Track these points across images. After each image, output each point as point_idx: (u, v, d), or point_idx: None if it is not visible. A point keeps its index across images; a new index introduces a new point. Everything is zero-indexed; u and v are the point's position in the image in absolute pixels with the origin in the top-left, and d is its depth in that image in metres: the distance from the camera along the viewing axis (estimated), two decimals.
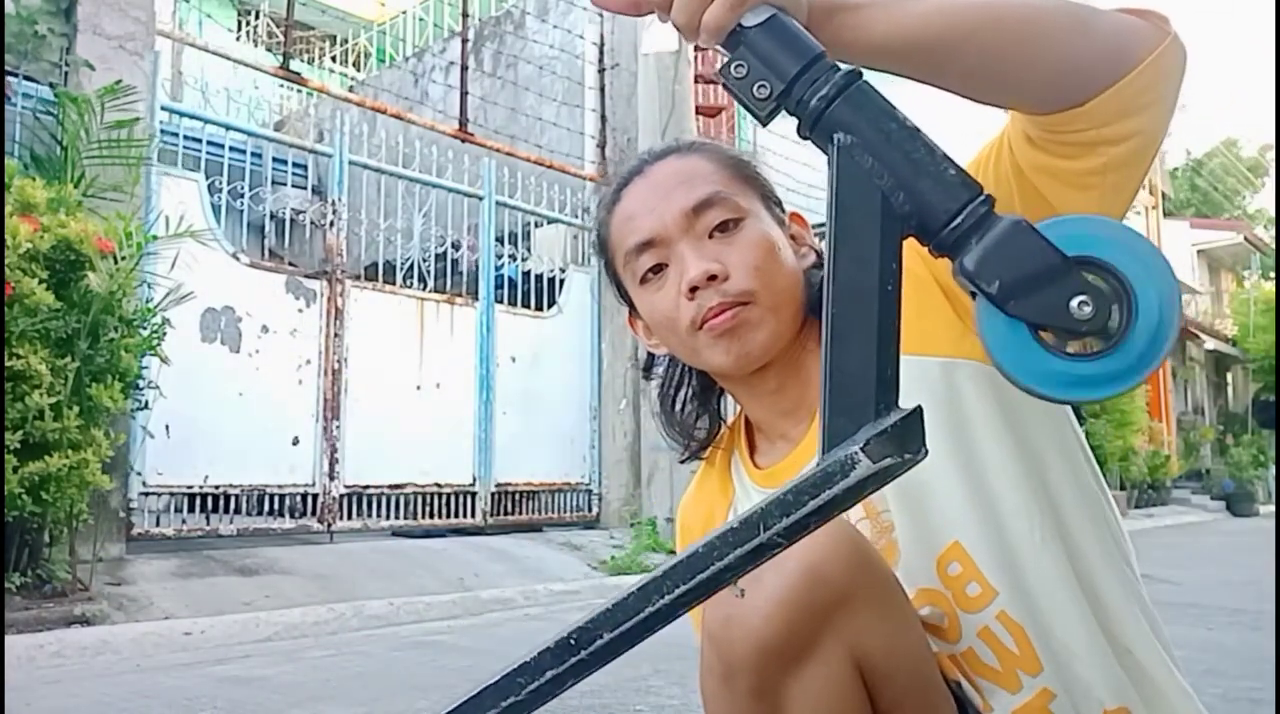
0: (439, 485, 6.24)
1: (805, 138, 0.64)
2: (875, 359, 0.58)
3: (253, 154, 6.23)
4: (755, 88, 0.63)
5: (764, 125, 0.66)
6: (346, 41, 12.24)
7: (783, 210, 1.01)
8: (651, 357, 1.09)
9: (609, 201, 1.01)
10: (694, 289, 0.92)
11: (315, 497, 5.59)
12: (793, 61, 0.63)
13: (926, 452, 0.58)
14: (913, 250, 0.62)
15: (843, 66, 0.64)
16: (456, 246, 6.73)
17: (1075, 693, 0.86)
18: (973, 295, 0.59)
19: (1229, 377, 23.53)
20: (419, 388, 6.15)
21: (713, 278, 0.91)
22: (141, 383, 4.24)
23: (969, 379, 0.88)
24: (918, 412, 0.58)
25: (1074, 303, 0.56)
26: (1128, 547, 0.94)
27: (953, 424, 0.87)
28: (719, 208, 0.93)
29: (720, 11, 0.64)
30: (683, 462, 1.10)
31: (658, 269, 0.96)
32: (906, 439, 0.57)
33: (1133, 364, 0.57)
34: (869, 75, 0.64)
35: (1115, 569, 0.91)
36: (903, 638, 0.80)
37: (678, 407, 1.08)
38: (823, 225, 0.64)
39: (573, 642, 0.58)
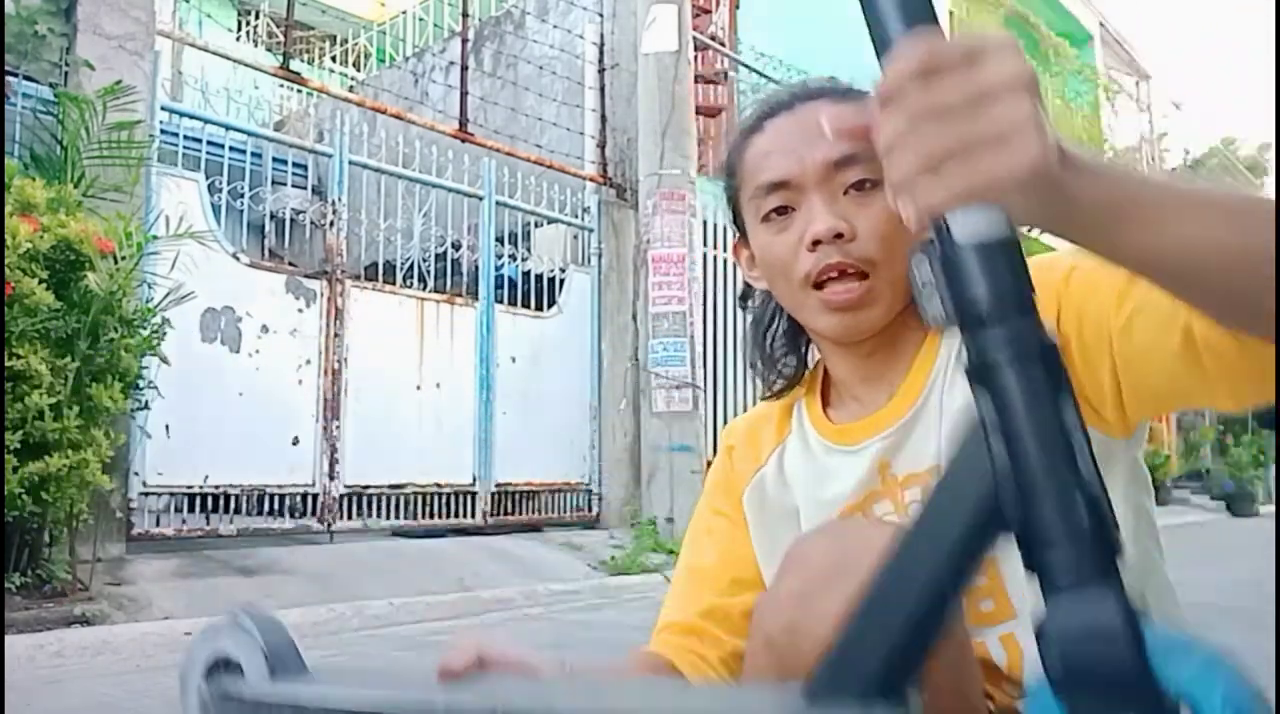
0: (439, 485, 6.23)
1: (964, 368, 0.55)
2: None
3: (253, 154, 6.22)
4: (930, 299, 0.54)
5: (923, 323, 0.60)
6: (346, 41, 12.23)
7: None
8: (749, 286, 1.08)
9: (749, 128, 0.98)
10: (817, 243, 0.89)
11: (315, 496, 5.58)
12: (992, 307, 0.51)
13: None
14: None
15: (1042, 334, 0.53)
16: (456, 246, 6.72)
17: None
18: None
19: None
20: (419, 388, 6.15)
21: (839, 236, 0.89)
22: (141, 383, 4.23)
23: None
24: None
25: None
26: (1162, 560, 0.92)
27: None
28: (862, 166, 0.89)
29: (933, 194, 0.51)
30: (765, 398, 1.08)
31: (782, 211, 0.93)
32: None
33: None
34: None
35: (1154, 599, 0.89)
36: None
37: (769, 342, 1.07)
38: None
39: None
